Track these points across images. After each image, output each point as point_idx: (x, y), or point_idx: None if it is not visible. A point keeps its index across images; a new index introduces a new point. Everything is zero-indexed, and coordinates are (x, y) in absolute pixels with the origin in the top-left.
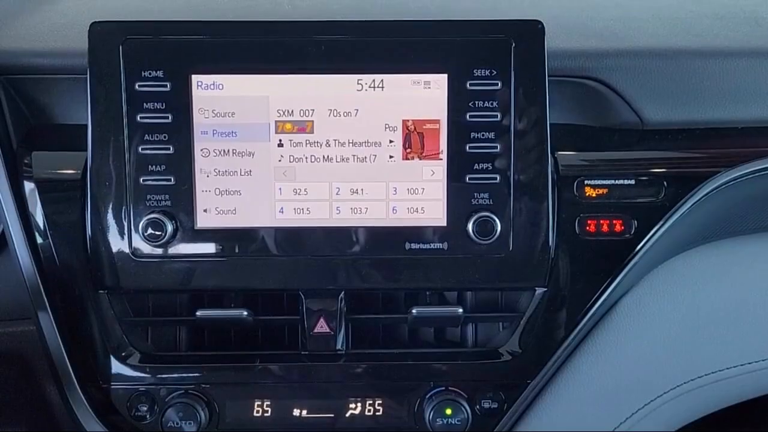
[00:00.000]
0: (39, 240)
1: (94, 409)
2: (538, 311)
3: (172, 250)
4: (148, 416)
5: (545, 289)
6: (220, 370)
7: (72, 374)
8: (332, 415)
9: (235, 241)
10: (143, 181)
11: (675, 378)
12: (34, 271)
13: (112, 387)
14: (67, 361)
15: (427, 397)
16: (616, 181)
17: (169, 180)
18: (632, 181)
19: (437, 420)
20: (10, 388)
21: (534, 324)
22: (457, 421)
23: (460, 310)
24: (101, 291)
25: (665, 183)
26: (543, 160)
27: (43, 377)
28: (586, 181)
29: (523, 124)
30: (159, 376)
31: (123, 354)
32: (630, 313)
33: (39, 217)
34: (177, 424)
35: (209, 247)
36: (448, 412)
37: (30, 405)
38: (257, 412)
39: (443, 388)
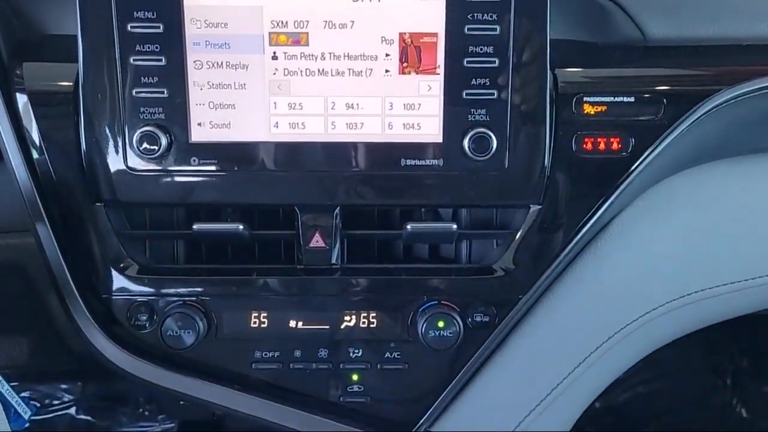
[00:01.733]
0: (34, 153)
1: (96, 320)
2: (532, 228)
3: (166, 164)
4: (147, 325)
5: (540, 207)
6: (217, 282)
7: (72, 285)
8: (328, 327)
9: (230, 155)
10: (136, 93)
11: (665, 294)
12: (30, 184)
13: (112, 298)
14: (66, 272)
15: (421, 310)
16: (616, 99)
17: (162, 92)
18: (632, 99)
19: (429, 332)
20: (13, 299)
21: (527, 241)
22: (449, 333)
23: (455, 226)
24: (97, 204)
25: (665, 101)
26: (542, 77)
27: (45, 289)
28: (585, 98)
29: (523, 39)
30: (157, 287)
31: (121, 265)
32: (623, 231)
33: (33, 130)
34: (176, 332)
35: (204, 161)
36: (441, 324)
37: (33, 316)
38: (254, 323)
39: (436, 303)
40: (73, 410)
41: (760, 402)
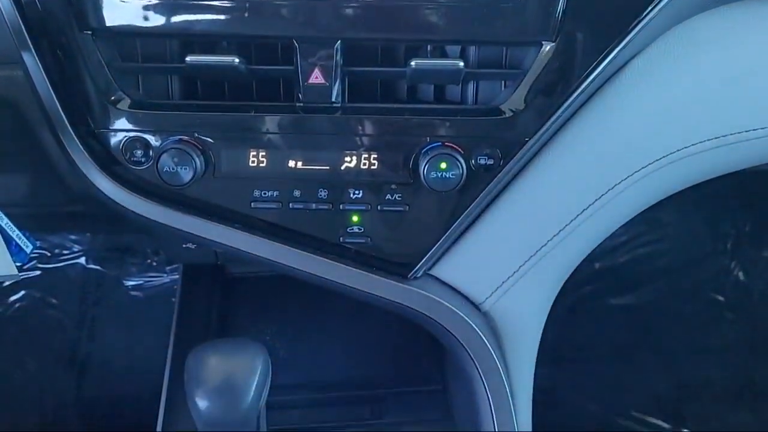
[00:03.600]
0: None
1: (92, 156)
2: (544, 69)
3: None
4: (143, 161)
5: (553, 45)
6: (214, 118)
7: (64, 119)
8: (327, 168)
9: None
10: None
11: (675, 142)
12: (14, 11)
13: (105, 132)
14: (57, 104)
15: (423, 151)
16: None
17: None
18: None
19: (432, 173)
20: (6, 135)
21: (538, 82)
22: (452, 175)
23: (461, 63)
24: (86, 32)
25: None
26: None
27: (39, 125)
28: None
29: None
30: (152, 121)
31: (113, 98)
32: (639, 74)
33: None
34: (173, 169)
35: None
36: (444, 166)
37: (29, 153)
38: (252, 162)
39: (440, 144)
40: (83, 260)
41: (758, 266)
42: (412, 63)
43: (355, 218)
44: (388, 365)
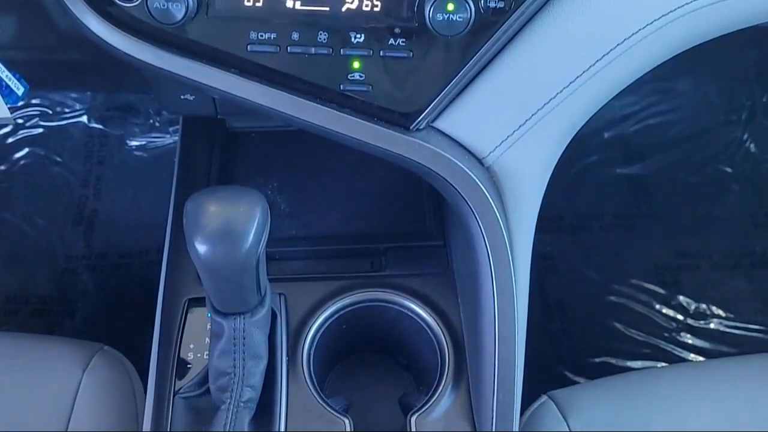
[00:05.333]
0: None
1: None
2: None
3: None
4: None
5: None
6: None
7: None
8: (328, 9)
9: None
10: None
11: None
12: None
13: None
14: None
15: None
16: None
17: None
18: None
19: (437, 15)
20: None
21: None
22: (459, 17)
23: None
24: None
25: None
26: None
27: None
28: None
29: None
30: None
31: None
32: None
33: None
34: (163, 5)
35: None
36: (450, 7)
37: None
38: (248, 0)
39: None
40: (85, 119)
41: None
42: None
43: (356, 64)
44: (389, 221)
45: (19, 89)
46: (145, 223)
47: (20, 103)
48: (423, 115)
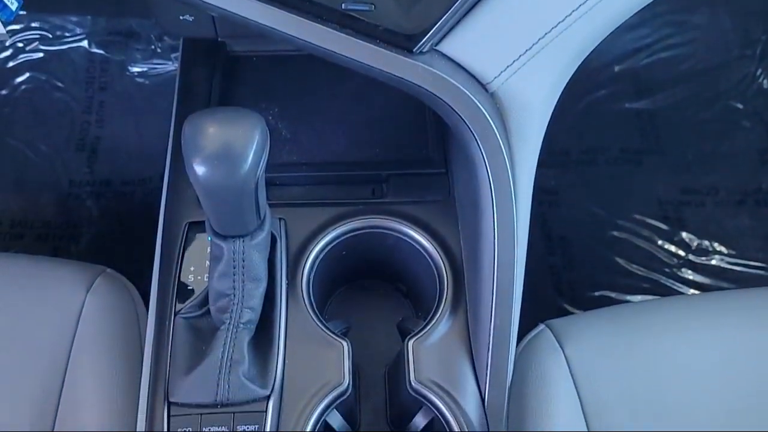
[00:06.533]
0: None
1: None
2: None
3: None
4: None
5: None
6: None
7: None
8: None
9: None
10: None
11: None
12: None
13: None
14: None
15: None
16: None
17: None
18: None
19: None
20: None
21: None
22: None
23: None
24: None
25: None
26: None
27: None
28: None
29: None
30: None
31: None
32: None
33: None
34: None
35: None
36: None
37: None
38: None
39: None
40: (85, 43)
41: None
42: None
43: None
44: (392, 148)
45: (13, 4)
46: (148, 151)
47: (13, 18)
48: (427, 37)
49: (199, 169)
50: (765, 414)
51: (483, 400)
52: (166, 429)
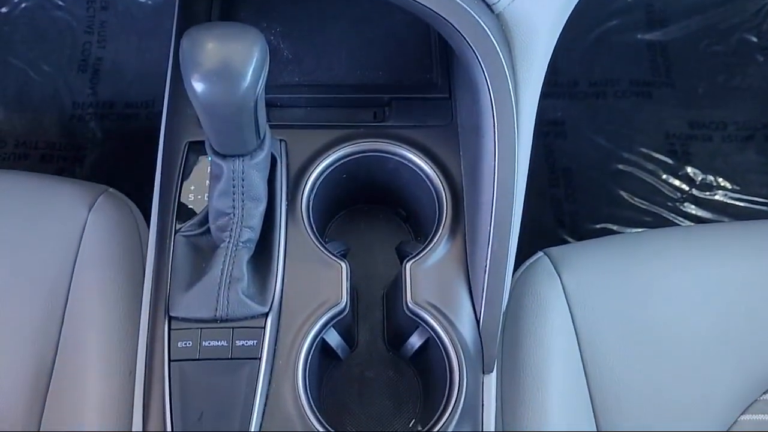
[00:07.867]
0: None
1: None
2: None
3: None
4: None
5: None
6: None
7: None
8: None
9: None
10: None
11: None
12: None
13: None
14: None
15: None
16: None
17: None
18: None
19: None
20: None
21: None
22: None
23: None
24: None
25: None
26: None
27: None
28: None
29: None
30: None
31: None
32: None
33: None
34: None
35: None
36: None
37: None
38: None
39: None
40: None
41: None
42: None
43: None
44: (395, 72)
45: None
46: (151, 73)
47: None
48: None
49: (198, 86)
50: (750, 338)
51: (478, 322)
52: (166, 342)
